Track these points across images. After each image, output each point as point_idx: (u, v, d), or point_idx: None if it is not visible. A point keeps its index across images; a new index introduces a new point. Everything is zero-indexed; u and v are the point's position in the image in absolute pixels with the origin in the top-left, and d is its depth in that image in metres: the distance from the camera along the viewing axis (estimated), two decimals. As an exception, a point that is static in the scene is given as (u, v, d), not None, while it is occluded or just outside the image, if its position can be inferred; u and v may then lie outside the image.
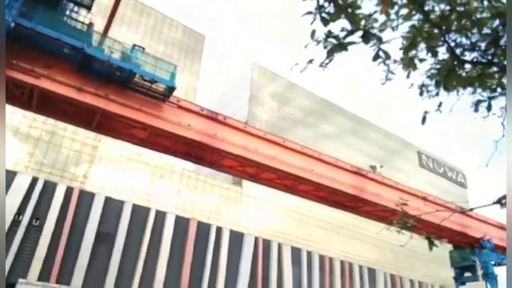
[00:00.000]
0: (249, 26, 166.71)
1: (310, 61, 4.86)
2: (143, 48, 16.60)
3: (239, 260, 34.04)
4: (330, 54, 4.76)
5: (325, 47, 4.80)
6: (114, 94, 15.45)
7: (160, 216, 31.30)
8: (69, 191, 27.55)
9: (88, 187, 29.24)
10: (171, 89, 15.97)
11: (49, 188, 26.87)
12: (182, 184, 34.65)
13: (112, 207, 29.11)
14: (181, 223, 32.09)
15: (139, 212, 30.28)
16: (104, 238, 27.95)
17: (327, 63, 5.02)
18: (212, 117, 17.58)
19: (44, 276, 23.15)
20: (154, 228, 30.52)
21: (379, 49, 4.71)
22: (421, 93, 6.06)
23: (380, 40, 4.69)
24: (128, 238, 28.75)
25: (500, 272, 26.14)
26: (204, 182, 36.04)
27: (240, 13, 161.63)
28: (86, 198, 28.25)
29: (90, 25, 15.36)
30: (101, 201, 28.62)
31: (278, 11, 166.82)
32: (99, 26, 17.44)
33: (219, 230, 34.00)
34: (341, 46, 4.66)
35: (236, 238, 34.66)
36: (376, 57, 4.76)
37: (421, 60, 5.43)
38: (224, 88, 54.45)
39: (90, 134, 28.14)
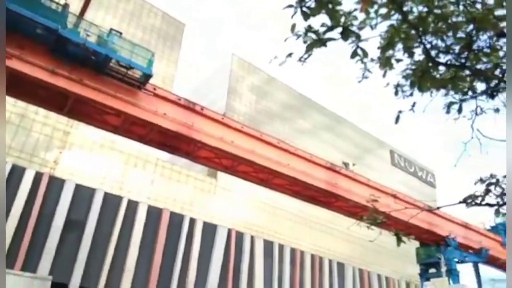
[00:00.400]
0: (232, 16, 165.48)
1: (289, 55, 4.86)
2: (121, 33, 16.19)
3: (211, 251, 34.08)
4: (309, 49, 4.77)
5: (304, 42, 4.81)
6: (89, 79, 15.03)
7: (132, 206, 30.90)
8: (38, 177, 26.76)
9: (58, 173, 28.48)
10: (147, 76, 15.67)
11: (17, 173, 26.01)
12: (156, 174, 34.24)
13: (83, 194, 28.50)
14: (154, 213, 31.79)
15: (110, 201, 29.78)
16: (74, 226, 27.37)
17: (306, 58, 5.04)
18: (189, 107, 17.38)
19: (9, 263, 22.46)
20: (125, 217, 30.12)
21: (358, 46, 4.76)
22: (396, 93, 6.17)
23: (358, 38, 4.74)
24: (98, 226, 28.27)
25: (462, 269, 27.25)
26: (179, 173, 35.73)
27: (223, 2, 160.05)
28: (56, 184, 27.53)
29: (66, 6, 14.83)
30: (71, 188, 27.97)
31: (265, 4, 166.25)
32: (75, 8, 16.89)
33: (192, 221, 33.89)
34: (321, 41, 4.68)
35: (209, 230, 34.66)
36: (354, 54, 4.81)
37: (398, 60, 5.52)
38: (202, 79, 53.83)
39: (62, 118, 27.34)
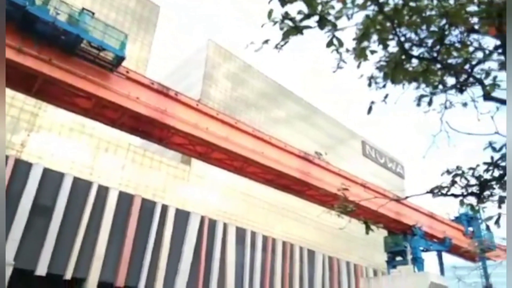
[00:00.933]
0: (208, 1, 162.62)
1: (266, 41, 4.82)
2: (93, 13, 15.62)
3: (183, 238, 34.01)
4: (286, 36, 4.75)
5: (281, 29, 4.77)
6: (58, 59, 14.46)
7: (103, 191, 30.31)
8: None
9: (25, 156, 27.49)
10: (120, 58, 15.23)
11: (-21, 155, 24.94)
12: (128, 159, 33.61)
13: (51, 178, 27.69)
14: (125, 199, 31.33)
15: (80, 186, 29.10)
16: (41, 211, 26.62)
17: (282, 45, 5.01)
18: (163, 92, 17.06)
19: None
20: (95, 203, 29.54)
21: (334, 36, 4.76)
22: (369, 84, 6.25)
23: (335, 27, 4.74)
24: (67, 212, 27.61)
25: (426, 257, 28.35)
26: (151, 159, 35.22)
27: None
28: (23, 167, 26.60)
29: (34, -19, 14.14)
30: (39, 171, 27.10)
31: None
32: (44, -17, 16.11)
33: (164, 208, 33.64)
34: (297, 29, 4.66)
35: (182, 217, 34.53)
36: (329, 43, 4.82)
37: (372, 52, 5.57)
38: (177, 64, 52.81)
39: (29, 100, 26.30)
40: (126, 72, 16.23)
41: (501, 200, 5.49)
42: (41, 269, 25.53)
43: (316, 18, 4.69)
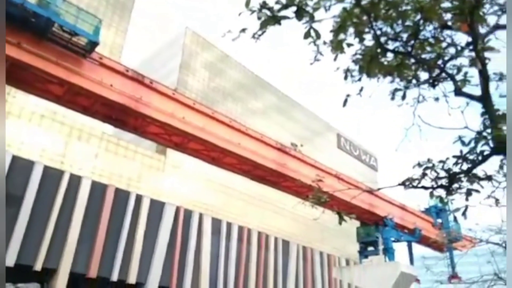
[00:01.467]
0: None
1: (243, 30, 4.79)
2: (65, -4, 15.05)
3: (158, 229, 33.71)
4: (263, 26, 4.72)
5: (258, 18, 4.74)
6: (28, 43, 13.90)
7: (75, 180, 29.59)
8: (-32, 147, 24.71)
9: (-8, 144, 26.41)
10: (93, 44, 14.79)
11: None
12: (101, 148, 32.87)
13: (20, 167, 26.79)
14: (98, 189, 30.70)
15: (51, 175, 28.30)
16: (10, 200, 25.75)
17: (259, 35, 4.98)
18: (138, 80, 16.71)
19: None
20: (67, 192, 28.82)
21: (311, 27, 4.77)
22: (345, 77, 6.31)
23: (312, 19, 4.74)
24: (37, 201, 26.83)
25: (397, 247, 29.22)
26: (126, 148, 34.57)
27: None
28: (-11, 155, 25.61)
29: (2, -40, 13.46)
30: (7, 159, 26.16)
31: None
32: (13, -37, 15.38)
33: (138, 198, 33.18)
34: (275, 19, 4.64)
35: (156, 207, 34.17)
36: (307, 35, 4.82)
37: (349, 45, 5.62)
38: (153, 51, 51.73)
39: (-4, 85, 25.21)
40: (100, 59, 15.79)
41: (469, 193, 5.68)
42: (10, 260, 24.81)
43: (294, 8, 4.68)
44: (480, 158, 5.65)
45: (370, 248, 29.24)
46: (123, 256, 30.75)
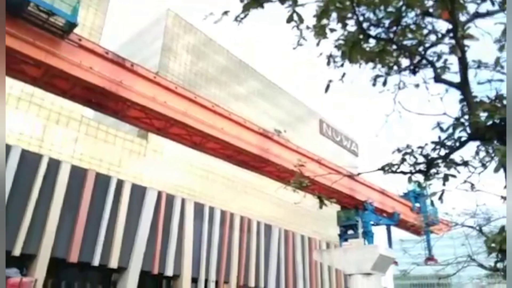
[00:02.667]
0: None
1: (225, 13, 4.71)
2: (41, -26, 14.45)
3: (139, 214, 33.56)
4: (246, 8, 4.66)
5: (241, 1, 4.67)
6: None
7: (54, 165, 29.06)
8: None
9: (-34, 127, 25.59)
10: (72, 25, 14.32)
11: None
12: (81, 132, 32.25)
13: (-4, 151, 26.09)
14: (78, 174, 30.25)
15: (29, 159, 27.68)
16: (-15, 185, 25.15)
17: (242, 18, 4.91)
18: (118, 62, 16.33)
19: None
20: (46, 177, 28.31)
21: (294, 11, 4.73)
22: (328, 63, 6.31)
23: (295, 2, 4.71)
24: (15, 186, 26.27)
25: (376, 230, 29.90)
26: (106, 132, 34.00)
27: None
28: (-37, 139, 24.82)
29: None
30: (-18, 144, 25.42)
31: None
32: None
33: (119, 183, 32.86)
34: (257, 2, 4.58)
35: (138, 192, 33.95)
36: (290, 19, 4.78)
37: (332, 30, 5.60)
38: (134, 33, 50.51)
39: (-31, 66, 24.28)
40: (79, 40, 15.33)
41: (446, 178, 5.82)
42: (-13, 246, 24.35)
43: (277, -9, 4.62)
44: (457, 144, 5.78)
45: (350, 232, 29.80)
46: (104, 241, 30.58)
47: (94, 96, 16.86)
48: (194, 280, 36.88)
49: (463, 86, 5.62)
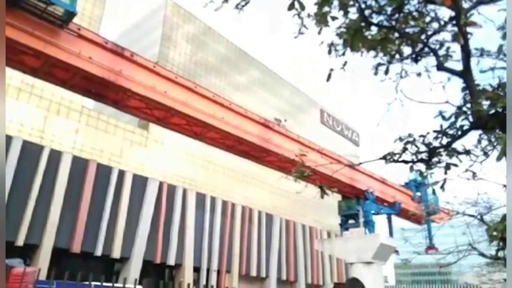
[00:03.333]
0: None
1: (226, 0, 4.65)
2: (38, -38, 14.26)
3: (141, 204, 33.72)
4: (246, -5, 4.59)
5: (241, -12, 4.60)
6: (0, 12, 13.23)
7: (55, 156, 29.12)
8: None
9: (-33, 118, 25.58)
10: (70, 14, 14.18)
11: None
12: (82, 123, 32.24)
13: (-3, 142, 26.13)
14: (79, 164, 30.34)
15: (30, 150, 27.74)
16: (-13, 176, 25.24)
17: (243, 6, 4.85)
18: (118, 52, 16.21)
19: None
20: (47, 168, 28.40)
21: (295, -2, 4.66)
22: (329, 52, 6.24)
23: (296, -11, 4.63)
24: (16, 178, 26.36)
25: (377, 219, 30.02)
26: (106, 123, 33.98)
27: None
28: (-36, 130, 24.83)
29: None
30: (-17, 135, 25.44)
31: None
32: None
33: (121, 174, 32.96)
34: (258, -11, 4.51)
35: (140, 182, 34.07)
36: (291, 6, 4.71)
37: (333, 18, 5.53)
38: (133, 23, 50.09)
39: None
40: (78, 30, 15.21)
41: (448, 167, 5.79)
42: (-10, 236, 24.54)
43: (278, -22, 4.55)
44: (459, 132, 5.75)
45: (351, 221, 29.94)
46: (106, 231, 30.80)
47: (94, 86, 16.78)
48: (196, 270, 37.21)
49: (465, 74, 5.56)
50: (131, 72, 16.45)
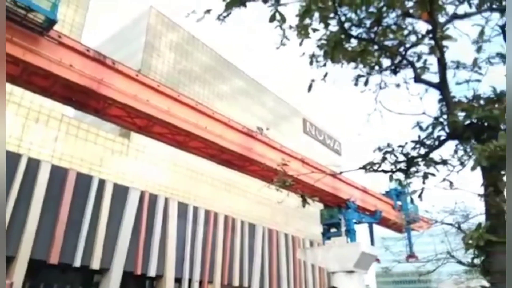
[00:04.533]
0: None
1: (208, 11, 4.69)
2: (19, -31, 14.08)
3: (122, 214, 33.14)
4: (229, 7, 4.65)
5: (223, 0, 4.66)
6: (-23, 18, 12.97)
7: (33, 164, 28.45)
8: None
9: None
10: (51, 21, 14.00)
11: None
12: (61, 131, 31.62)
13: (-28, 151, 25.37)
14: (58, 173, 29.69)
15: (7, 158, 26.93)
16: (-40, 186, 24.44)
17: (225, 16, 4.91)
18: (100, 60, 16.04)
19: None
20: (25, 176, 27.69)
21: (276, 10, 4.74)
22: (311, 62, 6.35)
23: (278, 2, 4.72)
24: (-9, 186, 25.57)
25: (358, 228, 30.24)
26: (87, 131, 33.42)
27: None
28: None
29: None
30: (-43, 143, 24.67)
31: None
32: None
33: (101, 183, 32.38)
34: (240, 0, 4.58)
35: (120, 192, 33.52)
36: (272, 18, 4.79)
37: (314, 30, 5.64)
38: (115, 31, 49.76)
39: None
40: (58, 37, 15.00)
41: (425, 176, 5.93)
42: (-37, 248, 23.68)
43: (260, -9, 4.63)
44: (436, 143, 5.90)
45: (333, 230, 30.07)
46: (86, 241, 30.11)
47: (75, 94, 16.54)
48: (178, 280, 36.64)
49: (442, 86, 5.74)
50: (113, 81, 16.29)
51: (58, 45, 14.91)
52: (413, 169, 6.00)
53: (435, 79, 5.87)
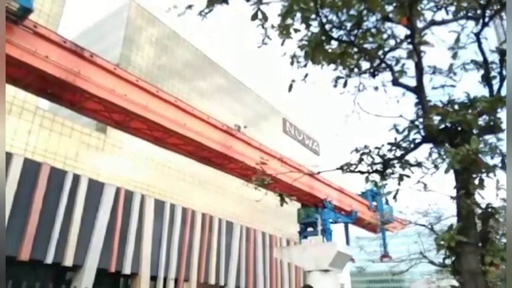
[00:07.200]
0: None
1: (189, 7, 4.64)
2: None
3: (97, 210, 32.46)
4: (210, 4, 4.62)
5: (206, -4, 4.62)
6: None
7: (5, 158, 27.50)
8: None
9: None
10: (26, 10, 13.57)
11: None
12: (35, 124, 30.72)
13: None
14: (31, 167, 28.81)
15: (-24, 151, 26.04)
16: None
17: (206, 13, 4.86)
18: (77, 52, 15.65)
19: None
20: (-5, 170, 26.74)
21: (258, 9, 4.73)
22: (291, 63, 6.38)
23: (260, 1, 4.71)
24: (-41, 179, 24.62)
25: (335, 228, 30.64)
26: (62, 125, 32.57)
27: None
28: None
29: None
30: None
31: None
32: None
33: (76, 178, 31.62)
34: (222, -3, 4.55)
35: (95, 188, 32.80)
36: (254, 16, 4.78)
37: (296, 30, 5.66)
38: (94, 23, 48.60)
39: None
40: (34, 27, 14.55)
41: (401, 178, 6.04)
42: None
43: (242, -12, 4.61)
44: (412, 145, 6.03)
45: (310, 229, 30.36)
46: (59, 238, 29.33)
47: (50, 86, 16.09)
48: (153, 278, 36.20)
49: (418, 90, 5.86)
50: (90, 74, 15.93)
51: (33, 35, 14.47)
52: (389, 170, 6.11)
53: (412, 83, 6.00)
